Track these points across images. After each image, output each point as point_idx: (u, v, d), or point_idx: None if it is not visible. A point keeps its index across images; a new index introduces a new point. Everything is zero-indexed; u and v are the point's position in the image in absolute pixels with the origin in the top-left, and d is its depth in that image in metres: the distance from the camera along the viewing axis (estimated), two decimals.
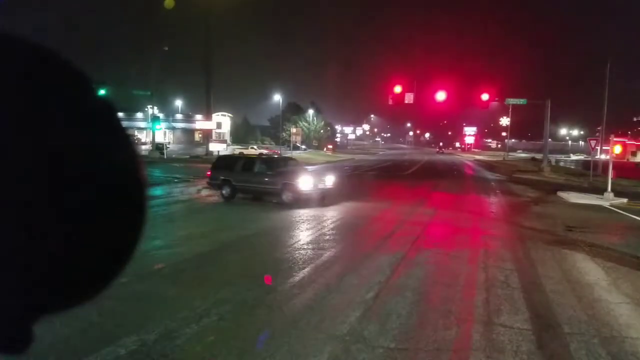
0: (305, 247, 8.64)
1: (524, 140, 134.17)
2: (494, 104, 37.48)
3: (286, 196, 13.70)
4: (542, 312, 5.53)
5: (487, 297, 5.98)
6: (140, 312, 5.28)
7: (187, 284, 6.37)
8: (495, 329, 4.97)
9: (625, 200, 17.53)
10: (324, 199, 14.05)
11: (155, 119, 42.84)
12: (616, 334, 4.96)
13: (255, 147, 55.28)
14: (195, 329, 4.77)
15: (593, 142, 27.18)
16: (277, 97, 68.86)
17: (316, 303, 5.60)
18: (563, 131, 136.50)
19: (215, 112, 62.18)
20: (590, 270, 7.49)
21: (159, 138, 51.65)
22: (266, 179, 14.24)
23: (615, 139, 21.79)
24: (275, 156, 25.25)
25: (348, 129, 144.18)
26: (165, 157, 39.29)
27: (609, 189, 17.73)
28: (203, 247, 8.35)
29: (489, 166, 46.44)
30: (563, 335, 4.88)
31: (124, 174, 0.53)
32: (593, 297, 6.19)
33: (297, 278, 6.57)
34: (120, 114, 0.60)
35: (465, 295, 6.09)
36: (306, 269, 7.02)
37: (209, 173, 15.77)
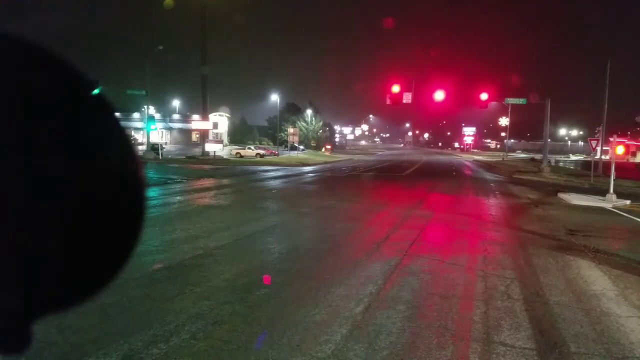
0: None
1: (523, 141, 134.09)
2: (493, 104, 37.10)
3: None
4: (546, 327, 5.05)
5: (486, 311, 5.51)
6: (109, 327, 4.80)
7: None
8: (495, 349, 4.49)
9: (628, 202, 17.05)
10: None
11: (150, 118, 42.28)
12: (628, 354, 4.49)
13: (252, 147, 54.77)
14: (163, 349, 4.30)
15: (594, 143, 26.76)
16: (275, 98, 68.49)
17: (299, 317, 5.12)
18: (562, 131, 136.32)
19: (212, 112, 61.78)
20: (596, 279, 7.01)
21: (156, 138, 51.14)
22: None
23: (617, 140, 21.34)
24: None
25: (347, 129, 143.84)
26: (160, 157, 38.79)
27: (611, 190, 17.13)
28: None
29: (488, 167, 46.02)
30: (570, 356, 4.41)
31: (121, 174, 0.52)
32: (600, 309, 5.71)
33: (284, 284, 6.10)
34: (117, 114, 0.56)
35: (462, 308, 5.61)
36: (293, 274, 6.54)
37: None
